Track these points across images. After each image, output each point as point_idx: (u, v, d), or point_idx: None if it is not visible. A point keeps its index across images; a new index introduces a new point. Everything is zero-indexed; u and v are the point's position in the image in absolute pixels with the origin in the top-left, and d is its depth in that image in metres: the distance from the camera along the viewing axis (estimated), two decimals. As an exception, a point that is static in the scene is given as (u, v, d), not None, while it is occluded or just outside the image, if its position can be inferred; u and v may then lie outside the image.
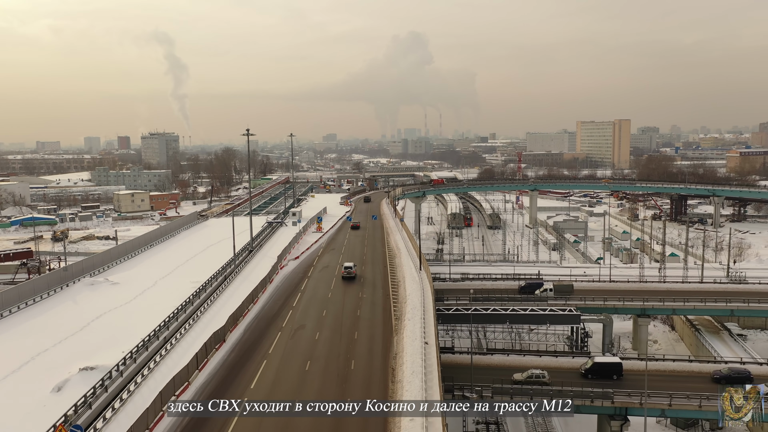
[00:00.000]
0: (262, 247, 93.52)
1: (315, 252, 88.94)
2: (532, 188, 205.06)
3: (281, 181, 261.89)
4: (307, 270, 76.73)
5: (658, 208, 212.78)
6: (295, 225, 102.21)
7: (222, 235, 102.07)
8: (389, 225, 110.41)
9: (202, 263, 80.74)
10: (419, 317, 53.01)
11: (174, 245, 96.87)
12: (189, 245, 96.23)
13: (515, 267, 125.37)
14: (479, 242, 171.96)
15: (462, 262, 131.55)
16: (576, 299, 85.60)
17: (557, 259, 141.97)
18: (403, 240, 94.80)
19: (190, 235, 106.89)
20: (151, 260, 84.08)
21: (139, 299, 63.22)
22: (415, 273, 72.36)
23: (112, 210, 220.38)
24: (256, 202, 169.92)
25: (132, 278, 72.20)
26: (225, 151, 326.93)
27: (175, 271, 76.33)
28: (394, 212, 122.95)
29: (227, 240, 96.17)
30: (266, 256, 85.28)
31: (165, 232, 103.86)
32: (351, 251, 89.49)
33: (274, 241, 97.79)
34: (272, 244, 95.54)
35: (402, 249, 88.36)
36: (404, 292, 63.93)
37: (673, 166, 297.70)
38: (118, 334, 50.91)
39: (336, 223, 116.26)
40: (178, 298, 61.30)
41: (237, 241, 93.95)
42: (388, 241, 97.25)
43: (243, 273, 74.99)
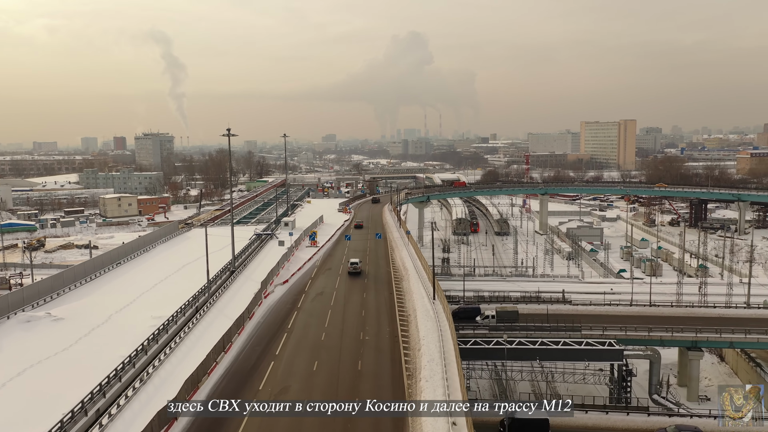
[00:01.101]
0: (247, 266, 79.80)
1: (308, 273, 75.24)
2: (542, 192, 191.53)
3: (277, 184, 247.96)
4: (297, 298, 63.07)
5: (676, 212, 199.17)
6: (284, 242, 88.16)
7: (204, 250, 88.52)
8: (393, 237, 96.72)
9: (172, 289, 67.12)
10: (440, 376, 39.67)
11: (144, 263, 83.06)
12: (162, 263, 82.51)
13: (533, 283, 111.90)
14: (488, 251, 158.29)
15: (473, 277, 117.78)
16: (615, 329, 72.09)
17: (577, 272, 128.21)
18: (410, 256, 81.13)
19: (167, 250, 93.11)
20: (112, 284, 70.26)
21: (81, 345, 49.43)
22: (428, 304, 58.73)
23: (97, 215, 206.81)
24: (247, 208, 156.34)
25: (82, 311, 58.42)
26: (219, 152, 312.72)
27: (138, 301, 62.57)
28: (398, 222, 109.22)
29: (211, 256, 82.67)
30: (250, 279, 71.62)
31: (137, 247, 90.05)
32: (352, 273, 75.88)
33: (261, 257, 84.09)
34: (259, 262, 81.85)
35: (410, 269, 74.70)
36: (417, 334, 50.37)
37: (683, 168, 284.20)
38: (31, 409, 37.16)
39: (333, 234, 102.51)
40: (129, 342, 47.74)
41: (220, 257, 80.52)
42: (392, 258, 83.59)
43: (219, 303, 61.31)
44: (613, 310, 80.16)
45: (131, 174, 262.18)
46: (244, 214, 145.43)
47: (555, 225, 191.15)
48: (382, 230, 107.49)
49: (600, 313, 79.95)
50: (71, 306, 59.70)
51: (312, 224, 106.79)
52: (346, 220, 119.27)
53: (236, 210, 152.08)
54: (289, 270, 75.40)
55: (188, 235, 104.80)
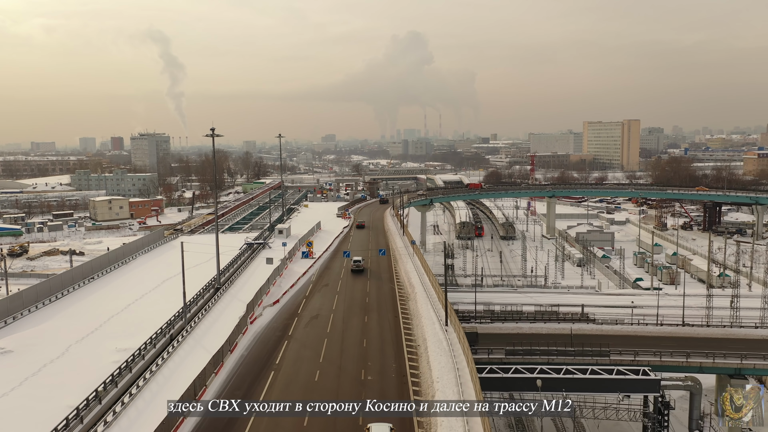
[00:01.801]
0: (234, 281, 71.18)
1: (302, 290, 66.67)
2: (549, 194, 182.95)
3: (274, 186, 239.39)
4: (288, 323, 54.50)
5: (688, 215, 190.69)
6: (272, 259, 79.33)
7: (189, 261, 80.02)
8: (396, 246, 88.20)
9: (146, 311, 58.58)
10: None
11: (121, 277, 74.41)
12: (141, 277, 73.92)
13: (547, 295, 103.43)
14: (494, 257, 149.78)
15: (481, 287, 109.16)
16: (648, 353, 63.64)
17: (591, 281, 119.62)
18: (415, 270, 72.65)
19: (148, 261, 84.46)
20: (79, 305, 61.60)
21: (25, 388, 40.84)
22: (440, 332, 50.35)
23: (87, 218, 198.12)
24: (241, 212, 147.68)
25: (37, 341, 49.81)
26: (216, 153, 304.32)
27: (104, 327, 53.96)
28: (401, 228, 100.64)
29: (195, 269, 74.26)
30: (236, 298, 63.03)
31: (116, 258, 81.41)
32: (350, 288, 67.37)
33: (251, 271, 75.49)
34: (249, 276, 73.29)
35: (416, 285, 66.23)
36: (429, 373, 42.04)
37: (690, 169, 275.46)
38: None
39: (332, 243, 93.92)
40: (84, 384, 39.28)
41: (206, 270, 72.15)
42: (396, 271, 75.09)
43: (198, 331, 52.69)
44: (642, 330, 71.75)
45: (124, 175, 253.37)
46: (237, 219, 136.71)
47: (563, 229, 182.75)
48: (384, 238, 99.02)
49: (627, 333, 71.55)
50: (25, 334, 51.06)
51: (308, 232, 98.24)
52: (345, 227, 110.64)
53: (229, 214, 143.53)
54: (281, 287, 66.82)
55: (174, 244, 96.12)
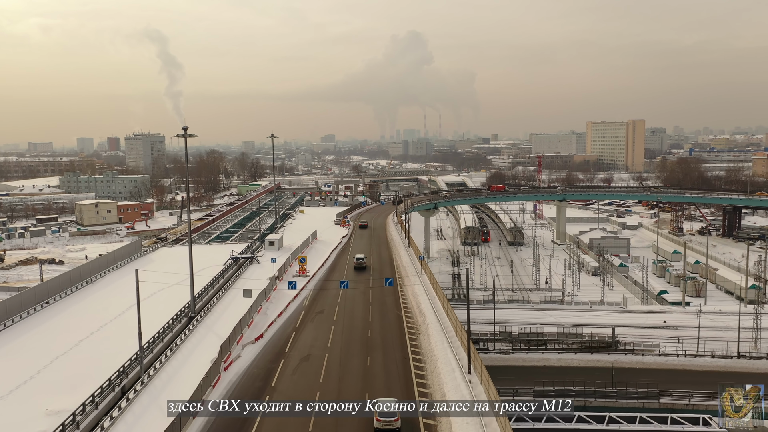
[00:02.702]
0: (214, 307, 60.15)
1: (292, 319, 55.72)
2: (560, 198, 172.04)
3: (271, 188, 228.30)
4: (271, 368, 43.59)
5: (705, 220, 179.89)
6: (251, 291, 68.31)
7: (167, 279, 69.18)
8: (402, 262, 77.31)
9: (98, 351, 47.70)
10: None
11: (83, 301, 63.29)
12: (105, 301, 62.91)
13: (567, 312, 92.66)
14: (504, 266, 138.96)
15: (492, 303, 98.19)
16: (705, 395, 52.96)
17: (614, 296, 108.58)
18: (426, 294, 61.70)
19: (119, 279, 73.30)
20: (16, 342, 50.35)
21: None
22: (462, 383, 39.59)
23: (73, 223, 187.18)
24: (232, 219, 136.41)
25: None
26: (210, 153, 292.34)
27: (39, 377, 42.98)
28: (406, 238, 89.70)
29: (171, 290, 63.53)
30: (212, 330, 52.09)
31: (82, 276, 70.45)
32: (349, 315, 56.49)
33: (234, 294, 64.39)
34: (231, 300, 62.18)
35: (427, 313, 55.35)
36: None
37: (699, 170, 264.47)
38: None
39: (329, 256, 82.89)
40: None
41: (184, 291, 61.14)
42: (403, 293, 64.28)
43: (157, 381, 41.61)
44: (691, 364, 61.08)
45: (115, 177, 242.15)
46: (228, 226, 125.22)
47: (573, 234, 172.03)
48: (387, 250, 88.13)
49: (674, 366, 60.97)
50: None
51: (302, 243, 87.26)
52: (344, 236, 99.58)
53: (219, 221, 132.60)
54: (266, 315, 55.87)
55: (152, 257, 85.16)
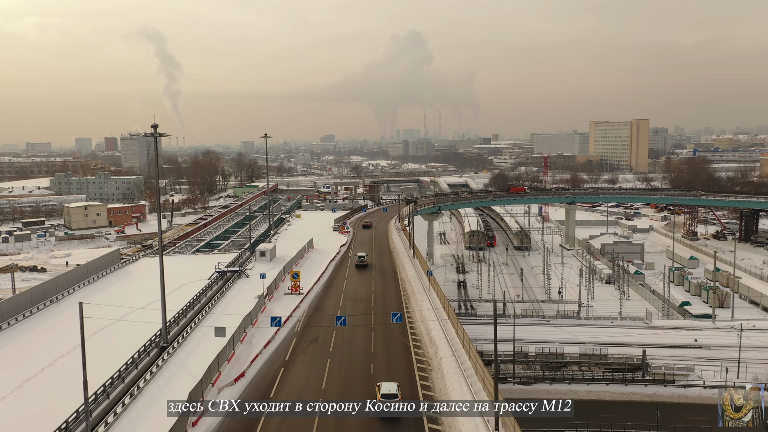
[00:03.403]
0: (192, 334, 51.70)
1: (281, 350, 47.14)
2: (569, 201, 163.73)
3: (269, 189, 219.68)
4: (253, 421, 35.01)
5: (720, 224, 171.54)
6: (224, 330, 60.43)
7: (144, 298, 61.05)
8: (407, 276, 68.83)
9: (44, 395, 39.29)
10: None
11: (43, 324, 54.74)
12: (69, 325, 54.46)
13: (586, 328, 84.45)
14: (513, 274, 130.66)
15: (505, 317, 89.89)
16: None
17: (634, 308, 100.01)
18: (436, 318, 53.03)
19: (92, 294, 64.75)
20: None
21: None
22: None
23: (61, 226, 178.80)
24: (224, 224, 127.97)
25: None
26: (206, 154, 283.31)
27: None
28: (411, 247, 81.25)
29: (146, 311, 55.21)
30: (185, 366, 43.66)
31: (49, 292, 62.09)
32: (348, 345, 48.05)
33: (214, 319, 55.89)
34: (209, 328, 53.67)
35: (440, 344, 46.78)
36: None
37: (708, 171, 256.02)
38: None
39: (325, 269, 74.34)
40: None
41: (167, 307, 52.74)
42: (410, 315, 55.86)
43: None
44: (743, 398, 52.63)
45: (108, 178, 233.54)
46: (218, 232, 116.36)
47: (582, 238, 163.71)
48: (390, 262, 79.64)
49: (723, 402, 52.46)
50: None
51: (297, 254, 78.80)
52: (342, 245, 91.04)
53: (209, 227, 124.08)
54: (251, 345, 47.40)
55: (131, 270, 76.70)
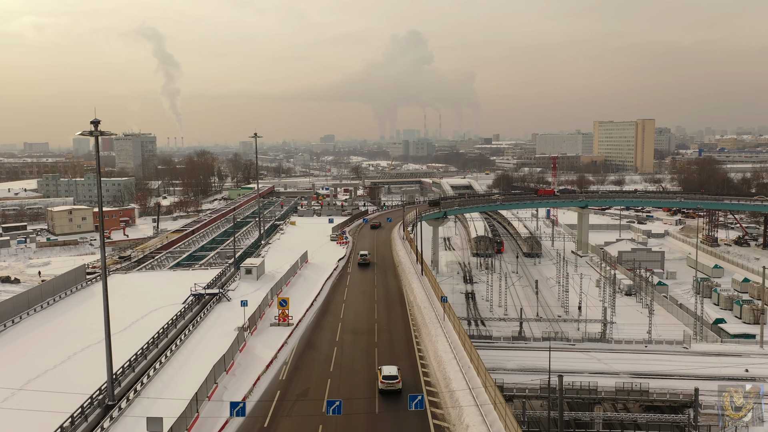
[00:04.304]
0: (152, 382, 40.92)
1: (259, 410, 36.20)
2: (582, 205, 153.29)
3: (264, 192, 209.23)
4: None
5: (742, 228, 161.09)
6: (229, 309, 49.95)
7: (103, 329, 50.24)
8: (415, 298, 58.12)
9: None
10: None
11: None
12: (5, 365, 43.83)
13: (617, 354, 73.86)
14: (526, 286, 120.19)
15: (523, 341, 79.11)
16: None
17: (666, 327, 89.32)
18: (455, 358, 42.26)
19: (46, 322, 54.07)
20: None
21: None
22: None
23: (45, 231, 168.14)
24: (211, 233, 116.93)
25: None
26: (201, 154, 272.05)
27: None
28: (420, 266, 70.58)
29: (93, 353, 44.70)
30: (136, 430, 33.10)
31: (11, 311, 51.53)
32: (346, 405, 37.37)
33: (188, 354, 45.32)
34: (174, 373, 42.99)
35: (456, 385, 35.98)
36: None
37: (719, 172, 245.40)
38: None
39: (319, 292, 63.56)
40: None
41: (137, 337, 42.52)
42: (421, 353, 45.27)
43: None
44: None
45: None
46: (204, 242, 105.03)
47: (596, 244, 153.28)
48: (395, 282, 68.88)
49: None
50: None
51: (289, 270, 68.10)
52: (340, 258, 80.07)
53: (197, 234, 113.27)
54: (222, 403, 36.69)
55: (96, 290, 65.95)
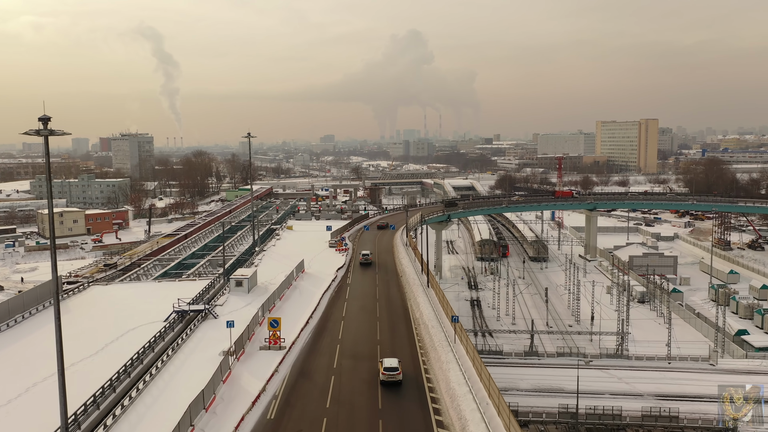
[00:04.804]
0: (114, 427, 34.83)
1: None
2: (590, 207, 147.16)
3: (261, 194, 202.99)
4: None
5: (756, 231, 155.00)
6: (214, 329, 43.99)
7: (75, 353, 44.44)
8: (422, 314, 51.91)
9: None
10: None
11: None
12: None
13: (640, 372, 67.75)
14: (535, 294, 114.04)
15: (538, 357, 73.06)
16: None
17: (690, 345, 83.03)
18: (465, 376, 36.03)
19: (9, 344, 48.28)
20: None
21: None
22: None
23: (35, 234, 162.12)
24: (204, 237, 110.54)
25: None
26: (198, 155, 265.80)
27: None
28: (426, 277, 64.49)
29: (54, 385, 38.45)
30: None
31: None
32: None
33: (164, 383, 39.32)
34: (145, 410, 36.95)
35: (472, 425, 30.07)
36: None
37: (728, 173, 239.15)
38: None
39: (317, 306, 57.46)
40: None
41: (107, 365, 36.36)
42: (431, 384, 39.20)
43: None
44: None
45: (92, 181, 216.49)
46: (196, 248, 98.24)
47: (604, 247, 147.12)
48: (399, 293, 62.87)
49: None
50: None
51: (283, 282, 62.01)
52: (339, 268, 73.84)
53: (189, 239, 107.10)
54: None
55: (71, 305, 59.92)
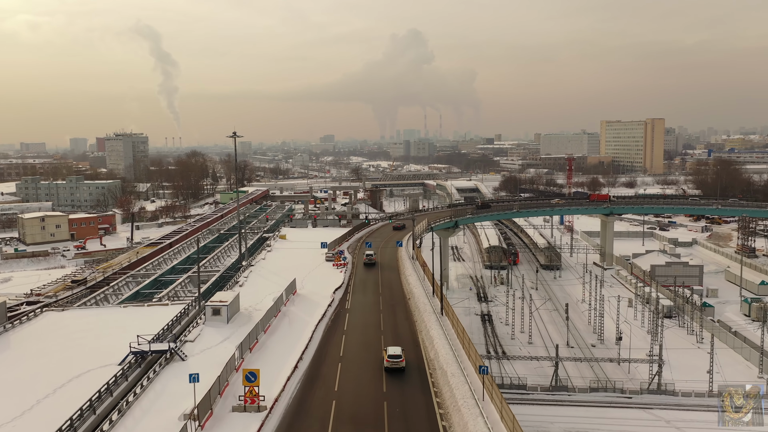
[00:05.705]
0: None
1: None
2: (606, 212, 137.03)
3: (257, 196, 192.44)
4: None
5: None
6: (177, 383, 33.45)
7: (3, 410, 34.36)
8: (439, 359, 41.31)
9: None
10: None
11: None
12: None
13: (687, 413, 57.68)
14: (551, 310, 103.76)
15: (567, 393, 62.69)
16: None
17: (731, 367, 72.76)
18: (487, 423, 25.94)
19: None
20: None
21: None
22: None
23: (16, 240, 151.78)
24: (188, 248, 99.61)
25: None
26: (192, 155, 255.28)
27: None
28: (440, 302, 53.83)
29: None
30: None
31: None
32: None
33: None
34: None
35: None
36: None
37: (740, 174, 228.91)
38: None
39: (309, 342, 47.04)
40: None
41: None
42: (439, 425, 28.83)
43: None
44: None
45: (80, 183, 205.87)
46: (176, 261, 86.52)
47: (620, 254, 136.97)
48: (406, 318, 52.38)
49: None
50: None
51: (270, 309, 51.53)
52: (337, 288, 63.17)
53: (173, 249, 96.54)
54: None
55: (14, 337, 49.43)
